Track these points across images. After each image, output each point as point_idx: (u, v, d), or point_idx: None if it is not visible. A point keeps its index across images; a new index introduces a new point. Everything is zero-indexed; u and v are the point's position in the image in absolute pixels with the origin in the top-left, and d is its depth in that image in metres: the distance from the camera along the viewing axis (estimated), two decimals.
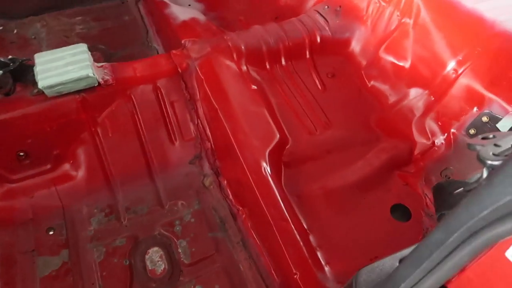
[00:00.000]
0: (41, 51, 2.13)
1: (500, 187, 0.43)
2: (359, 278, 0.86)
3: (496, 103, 1.31)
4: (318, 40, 1.77)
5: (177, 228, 1.48)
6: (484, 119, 1.33)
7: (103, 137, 1.53)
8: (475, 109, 1.37)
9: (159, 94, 1.60)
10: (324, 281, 1.18)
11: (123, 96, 1.54)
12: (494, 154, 0.54)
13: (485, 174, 0.55)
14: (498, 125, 1.27)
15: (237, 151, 1.42)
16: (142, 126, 1.58)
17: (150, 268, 1.38)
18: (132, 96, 1.56)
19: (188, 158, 1.63)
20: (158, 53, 2.13)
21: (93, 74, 1.42)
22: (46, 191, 1.48)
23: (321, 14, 1.82)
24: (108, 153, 1.54)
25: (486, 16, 1.39)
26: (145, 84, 1.58)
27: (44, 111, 1.42)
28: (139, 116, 1.58)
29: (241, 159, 1.40)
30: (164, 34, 2.02)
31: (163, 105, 1.60)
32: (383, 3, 1.68)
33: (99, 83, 1.46)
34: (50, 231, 1.43)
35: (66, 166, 1.50)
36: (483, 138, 0.61)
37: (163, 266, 1.38)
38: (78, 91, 1.45)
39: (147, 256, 1.40)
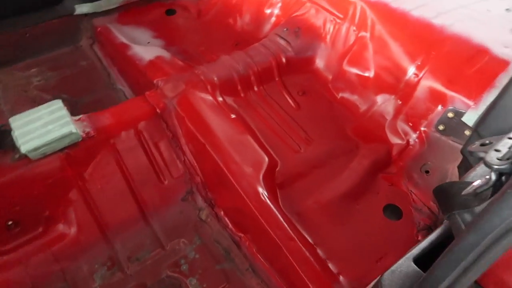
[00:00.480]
0: (0, 110, 2.07)
1: None
2: (384, 283, 0.93)
3: (457, 99, 1.45)
4: (284, 61, 1.86)
5: (184, 267, 1.48)
6: (450, 115, 1.47)
7: (92, 190, 1.51)
8: (439, 107, 1.51)
9: (142, 137, 1.61)
10: None
11: (106, 146, 1.53)
12: (498, 159, 0.63)
13: (493, 177, 0.64)
14: (463, 119, 1.41)
15: (232, 180, 1.46)
16: (130, 172, 1.57)
17: None
18: (116, 144, 1.55)
19: (180, 196, 1.64)
20: (125, 94, 2.12)
21: (76, 130, 1.40)
22: (42, 255, 1.43)
23: (282, 37, 1.92)
24: (100, 205, 1.52)
25: (434, 22, 1.55)
26: (126, 130, 1.58)
27: (29, 175, 1.38)
28: (125, 163, 1.57)
29: (237, 188, 1.44)
30: (130, 75, 2.02)
31: (147, 148, 1.61)
32: (338, 20, 1.81)
33: (81, 137, 1.45)
34: None
35: (59, 226, 1.46)
36: (481, 145, 0.70)
37: None
38: (61, 148, 1.43)
39: None
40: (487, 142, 0.70)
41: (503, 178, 0.65)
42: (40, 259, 1.43)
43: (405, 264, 0.93)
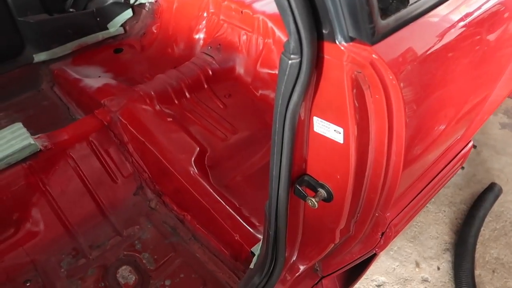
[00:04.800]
0: None
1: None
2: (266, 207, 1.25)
3: None
4: (210, 73, 2.23)
5: (138, 246, 1.75)
6: None
7: (54, 193, 1.79)
8: None
9: (93, 146, 1.92)
10: (259, 234, 1.53)
11: (63, 155, 1.84)
12: None
13: None
14: None
15: (169, 167, 1.77)
16: (86, 175, 1.86)
17: (123, 283, 1.62)
18: (71, 154, 1.86)
19: (132, 191, 1.93)
20: None
21: (34, 142, 1.71)
22: (14, 252, 1.68)
23: (207, 54, 2.30)
24: (62, 205, 1.79)
25: None
26: (80, 142, 1.89)
27: None
28: (81, 168, 1.86)
29: (173, 171, 1.75)
30: (84, 103, 2.35)
31: (99, 154, 1.91)
32: (249, 33, 2.21)
33: (40, 149, 1.75)
34: (27, 282, 1.62)
35: (27, 225, 1.72)
36: None
37: (134, 277, 1.64)
38: (24, 160, 1.73)
39: (118, 275, 1.65)
40: None
41: None
42: (13, 255, 1.68)
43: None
